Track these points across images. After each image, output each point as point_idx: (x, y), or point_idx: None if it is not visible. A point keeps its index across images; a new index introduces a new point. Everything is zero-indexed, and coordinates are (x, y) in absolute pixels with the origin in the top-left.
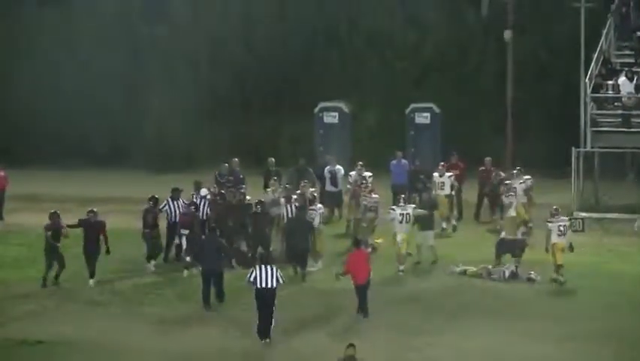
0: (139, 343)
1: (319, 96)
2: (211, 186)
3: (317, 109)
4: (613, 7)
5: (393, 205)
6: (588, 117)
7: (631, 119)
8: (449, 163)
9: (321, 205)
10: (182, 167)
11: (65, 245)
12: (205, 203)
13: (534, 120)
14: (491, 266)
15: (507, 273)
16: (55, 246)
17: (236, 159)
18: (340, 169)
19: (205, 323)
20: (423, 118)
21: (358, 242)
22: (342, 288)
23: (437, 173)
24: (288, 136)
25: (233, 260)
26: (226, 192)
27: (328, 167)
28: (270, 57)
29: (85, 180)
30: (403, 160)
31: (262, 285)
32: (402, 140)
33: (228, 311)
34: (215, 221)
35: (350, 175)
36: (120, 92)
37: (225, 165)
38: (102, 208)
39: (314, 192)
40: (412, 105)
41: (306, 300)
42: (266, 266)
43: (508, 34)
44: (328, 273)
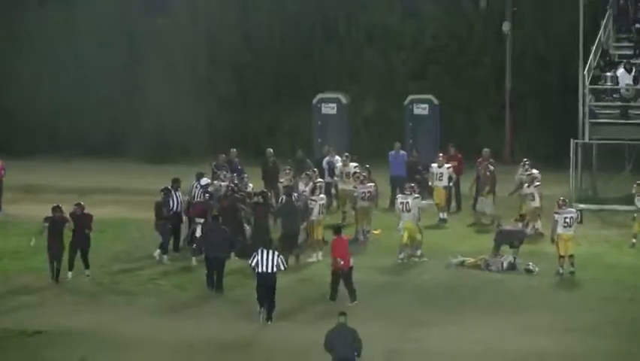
0: (138, 333)
1: (318, 88)
2: (221, 175)
3: (315, 100)
4: None
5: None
6: (586, 109)
7: (629, 110)
8: (448, 155)
9: (323, 196)
10: (180, 158)
11: None
12: (204, 193)
13: (532, 112)
14: (489, 257)
15: (505, 264)
16: (56, 238)
17: (234, 150)
18: (339, 160)
19: (203, 314)
20: (421, 109)
21: (339, 229)
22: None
23: (436, 164)
24: (287, 127)
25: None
26: (239, 181)
27: (327, 158)
28: (269, 49)
29: (83, 171)
30: (402, 151)
31: (263, 270)
32: (400, 131)
33: (227, 302)
34: (221, 211)
35: (336, 167)
36: (119, 83)
37: (222, 156)
38: (100, 199)
39: (317, 182)
40: (411, 97)
41: (305, 290)
42: (267, 252)
43: (506, 25)
44: (327, 263)
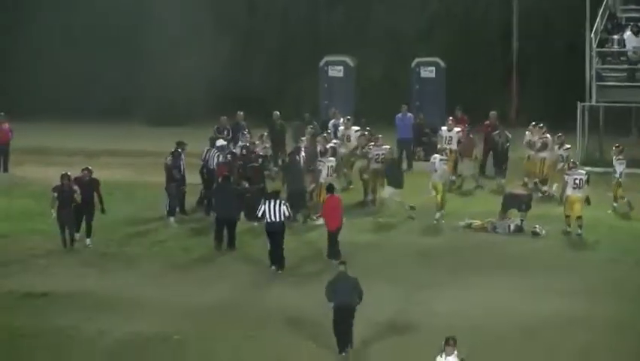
0: (145, 295)
1: (324, 50)
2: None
3: (322, 63)
4: None
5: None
6: (593, 72)
7: (636, 73)
8: (454, 118)
9: (332, 158)
10: (186, 121)
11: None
12: (228, 153)
13: (539, 74)
14: (496, 220)
15: (512, 227)
16: (67, 207)
17: (241, 113)
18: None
19: (210, 276)
20: (428, 72)
21: (332, 188)
22: (348, 242)
23: (445, 127)
24: (293, 90)
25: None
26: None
27: (332, 121)
28: (275, 11)
29: (89, 134)
30: (409, 114)
31: (271, 219)
32: (407, 94)
33: (234, 263)
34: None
35: (338, 130)
36: (124, 46)
37: (223, 118)
38: (107, 161)
39: (327, 144)
40: (417, 59)
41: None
42: (274, 201)
43: None
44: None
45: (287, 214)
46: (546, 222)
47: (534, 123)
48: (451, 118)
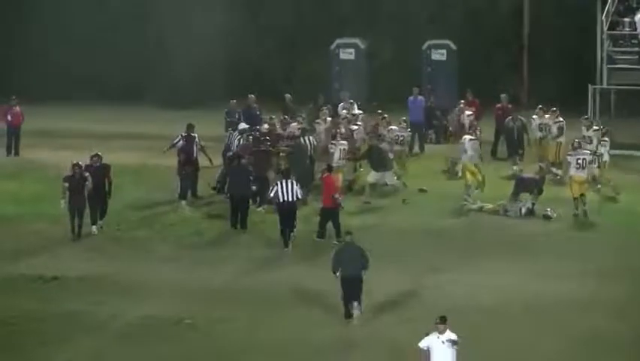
0: (155, 279)
1: (335, 33)
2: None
3: (333, 45)
4: None
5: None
6: (604, 54)
7: None
8: (465, 101)
9: (344, 142)
10: (196, 104)
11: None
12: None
13: (550, 57)
14: (507, 203)
15: (523, 210)
16: (79, 195)
17: (252, 96)
18: (355, 106)
19: (220, 259)
20: (439, 55)
21: (330, 167)
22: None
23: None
24: (305, 73)
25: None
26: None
27: (342, 104)
28: None
29: (100, 117)
30: (420, 97)
31: (283, 199)
32: (418, 77)
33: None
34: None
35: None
36: (134, 28)
37: (233, 102)
38: (118, 144)
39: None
40: (428, 42)
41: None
42: (286, 182)
43: None
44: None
45: (299, 196)
46: (558, 205)
47: (540, 107)
48: (463, 102)
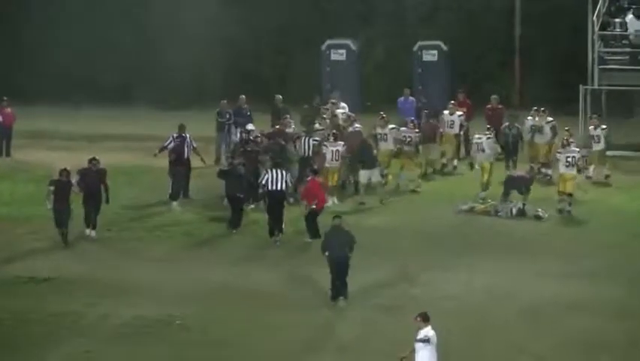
0: (147, 280)
1: (329, 33)
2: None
3: (324, 46)
4: None
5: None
6: (596, 55)
7: (638, 57)
8: (457, 101)
9: (341, 142)
10: (190, 105)
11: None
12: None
13: (542, 58)
14: (498, 203)
15: (514, 210)
16: (63, 202)
17: (243, 96)
18: (345, 107)
19: (211, 260)
20: (430, 55)
21: (314, 170)
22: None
23: (447, 111)
24: (296, 74)
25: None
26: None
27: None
28: None
29: (93, 118)
30: (411, 98)
31: (272, 187)
32: (409, 77)
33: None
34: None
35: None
36: (129, 29)
37: (224, 102)
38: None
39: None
40: (420, 43)
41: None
42: (277, 170)
43: None
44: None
45: (289, 184)
46: (549, 205)
47: (535, 108)
48: (453, 102)
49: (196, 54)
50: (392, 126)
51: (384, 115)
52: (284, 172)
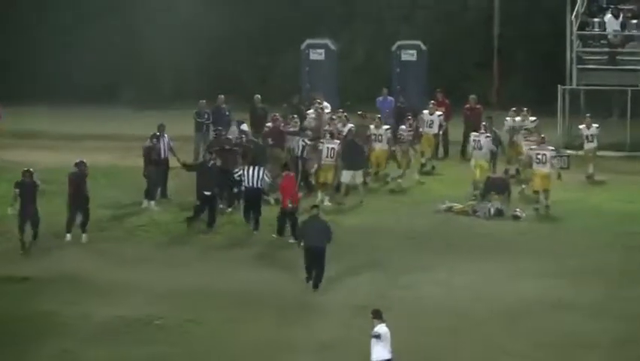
0: (125, 279)
1: (307, 34)
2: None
3: (303, 46)
4: None
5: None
6: (574, 55)
7: (616, 56)
8: (436, 101)
9: (337, 141)
10: (171, 105)
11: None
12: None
13: (520, 58)
14: (476, 203)
15: (492, 210)
16: (30, 204)
17: (222, 96)
18: (327, 106)
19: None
20: (409, 55)
21: (286, 166)
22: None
23: (427, 111)
24: (276, 73)
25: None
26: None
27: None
28: None
29: (76, 118)
30: (389, 97)
31: (249, 184)
32: (388, 77)
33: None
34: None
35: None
36: (111, 29)
37: (202, 102)
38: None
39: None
40: (398, 42)
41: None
42: (253, 168)
43: None
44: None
45: (267, 180)
46: (526, 205)
47: (514, 109)
48: (433, 102)
49: (177, 54)
50: (387, 127)
51: (361, 112)
52: (260, 169)
